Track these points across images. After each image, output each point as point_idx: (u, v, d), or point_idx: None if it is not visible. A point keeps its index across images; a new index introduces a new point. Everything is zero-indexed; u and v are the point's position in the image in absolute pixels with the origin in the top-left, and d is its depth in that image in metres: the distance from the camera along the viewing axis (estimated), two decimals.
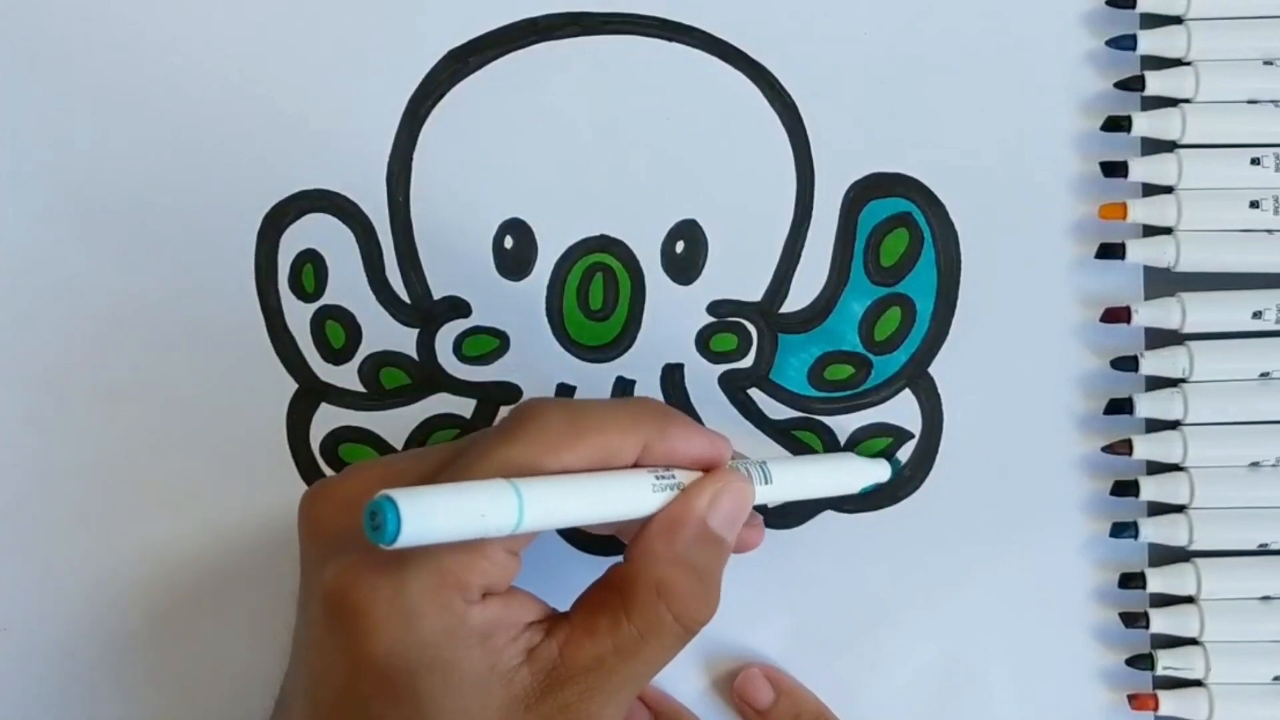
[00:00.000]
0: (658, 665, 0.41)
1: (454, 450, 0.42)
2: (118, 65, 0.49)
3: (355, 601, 0.39)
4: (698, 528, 0.41)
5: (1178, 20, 0.48)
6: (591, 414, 0.41)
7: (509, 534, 0.37)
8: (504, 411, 0.49)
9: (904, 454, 0.49)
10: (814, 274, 0.49)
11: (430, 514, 0.35)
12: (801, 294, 0.49)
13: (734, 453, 0.44)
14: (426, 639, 0.38)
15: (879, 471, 0.48)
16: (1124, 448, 0.48)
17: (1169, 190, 0.48)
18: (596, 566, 0.48)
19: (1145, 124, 0.47)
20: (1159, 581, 0.48)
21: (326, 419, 0.49)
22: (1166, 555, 0.48)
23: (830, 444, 0.49)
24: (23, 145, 0.49)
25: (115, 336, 0.48)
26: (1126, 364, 0.48)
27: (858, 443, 0.49)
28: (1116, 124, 0.48)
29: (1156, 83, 0.47)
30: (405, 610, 0.38)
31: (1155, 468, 0.48)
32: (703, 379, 0.49)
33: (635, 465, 0.41)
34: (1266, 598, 0.48)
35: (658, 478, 0.41)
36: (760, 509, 0.46)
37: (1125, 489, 0.48)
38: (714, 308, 0.49)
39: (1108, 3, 0.48)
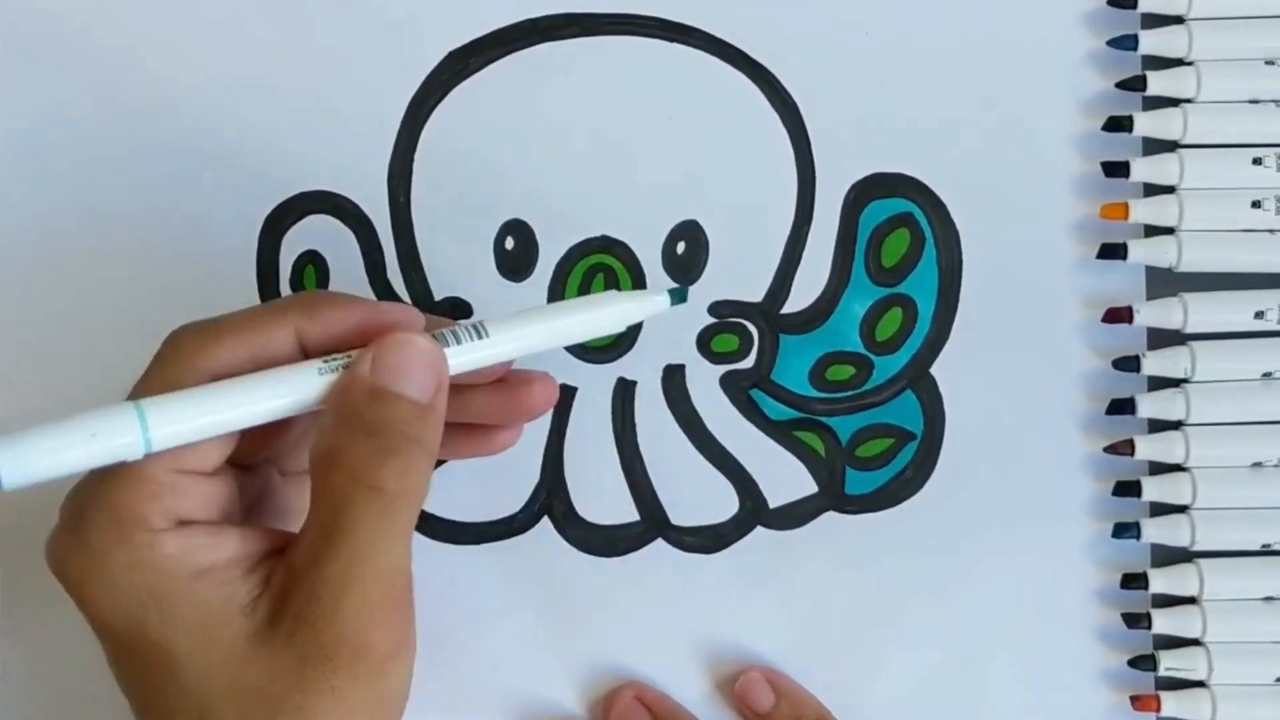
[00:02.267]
0: (380, 540, 0.38)
1: None
2: (119, 67, 0.49)
3: (64, 577, 0.38)
4: (361, 387, 0.39)
5: (1179, 20, 0.48)
6: (229, 319, 0.40)
7: (146, 453, 0.37)
8: None
9: (906, 455, 0.49)
10: (815, 274, 0.49)
11: (30, 450, 0.36)
12: (803, 294, 0.49)
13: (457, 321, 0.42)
14: (129, 582, 0.38)
15: (652, 304, 0.44)
16: (1126, 448, 0.48)
17: (1170, 190, 0.48)
18: (600, 567, 0.49)
19: (1147, 124, 0.47)
20: (1161, 582, 0.48)
21: None
22: (1169, 556, 0.48)
23: (832, 444, 0.49)
24: (24, 147, 0.49)
25: (118, 338, 0.48)
26: (1128, 364, 0.48)
27: (860, 443, 0.49)
28: (1118, 124, 0.48)
29: (1158, 83, 0.47)
30: (96, 561, 0.38)
31: (1157, 468, 0.48)
32: (704, 380, 0.49)
33: (308, 359, 0.40)
34: (1269, 598, 0.48)
35: (325, 362, 0.39)
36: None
37: (1127, 489, 0.48)
38: (715, 308, 0.49)
39: (1109, 2, 0.48)
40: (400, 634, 0.39)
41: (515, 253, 0.49)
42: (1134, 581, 0.48)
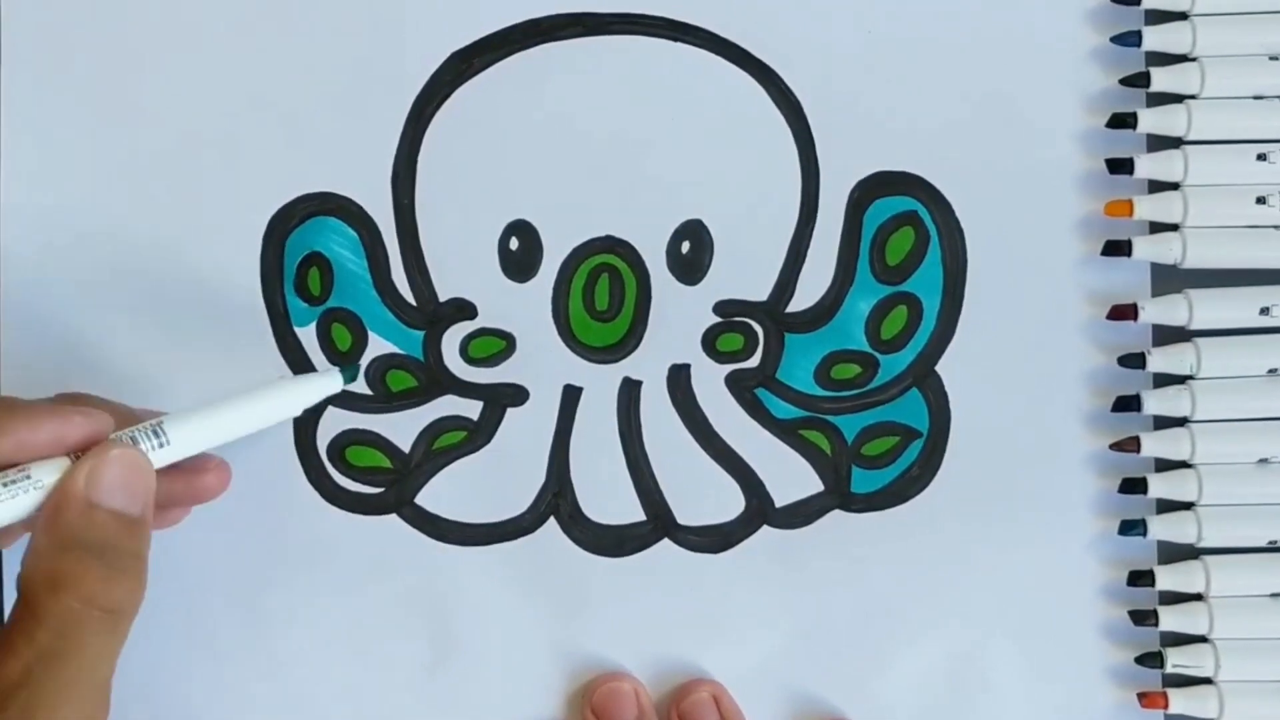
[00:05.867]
0: (104, 655, 0.39)
1: None
2: (122, 69, 0.49)
3: None
4: (81, 507, 0.39)
5: (1183, 16, 0.48)
6: None
7: None
8: (511, 413, 0.49)
9: (911, 453, 0.49)
10: (820, 273, 0.49)
11: None
12: (808, 293, 0.49)
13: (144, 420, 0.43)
14: None
15: (325, 385, 0.46)
16: (1132, 445, 0.48)
17: (1175, 187, 0.48)
18: (606, 567, 0.49)
19: (1151, 120, 0.47)
20: (1168, 579, 0.48)
21: (333, 422, 0.49)
22: (1175, 553, 0.48)
23: (838, 443, 0.49)
24: (27, 150, 0.49)
25: (121, 341, 0.48)
26: (1134, 361, 0.48)
27: (866, 442, 0.49)
28: (1122, 120, 0.47)
29: (1162, 79, 0.47)
30: None
31: (1163, 465, 0.48)
32: (709, 379, 0.49)
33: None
34: (1276, 595, 0.48)
35: (3, 484, 0.39)
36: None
37: (1133, 486, 0.48)
38: (720, 308, 0.49)
39: None
40: None
41: (520, 253, 0.49)
42: (1140, 578, 0.48)
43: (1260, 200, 0.47)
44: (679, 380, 0.49)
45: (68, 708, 0.38)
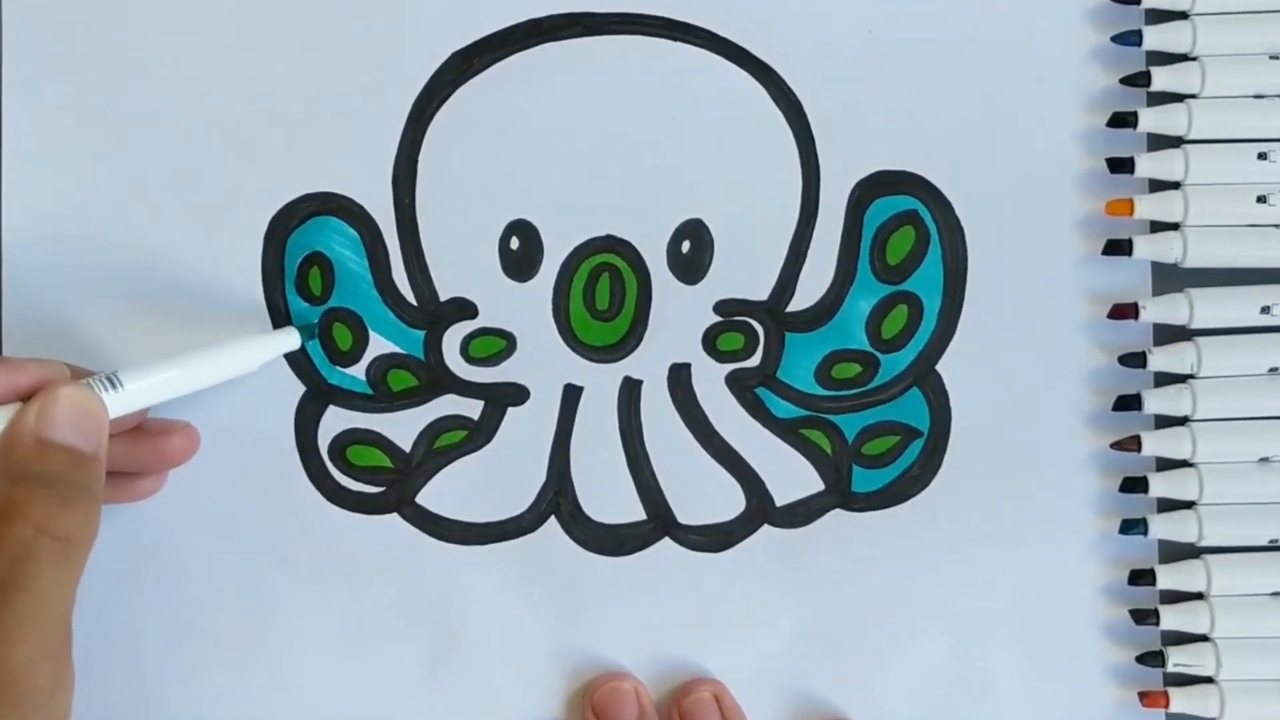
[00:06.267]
0: (59, 585, 0.40)
1: None
2: (123, 69, 0.49)
3: None
4: (31, 441, 0.40)
5: (1183, 16, 0.48)
6: None
7: None
8: (512, 413, 0.49)
9: (912, 452, 0.49)
10: (820, 272, 0.49)
11: None
12: (808, 293, 0.49)
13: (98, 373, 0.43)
14: None
15: (283, 342, 0.47)
16: (1132, 444, 0.48)
17: (1176, 186, 0.48)
18: (607, 566, 0.49)
19: (1151, 120, 0.47)
20: (1169, 578, 0.48)
21: (335, 421, 0.49)
22: (1176, 551, 0.48)
23: (838, 442, 0.49)
24: (29, 150, 0.49)
25: (123, 340, 0.48)
26: (1134, 360, 0.48)
27: (866, 441, 0.49)
28: (1122, 120, 0.47)
29: (1162, 78, 0.47)
30: None
31: (1164, 464, 0.48)
32: (710, 378, 0.49)
33: None
34: (1277, 593, 0.48)
35: None
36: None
37: (1134, 485, 0.48)
38: (721, 307, 0.49)
39: None
40: (62, 668, 0.40)
41: (520, 253, 0.49)
42: (1141, 577, 0.48)
43: (1261, 199, 0.47)
44: (679, 379, 0.49)
45: (26, 642, 0.39)
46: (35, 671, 0.39)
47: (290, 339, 0.47)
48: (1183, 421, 0.48)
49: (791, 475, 0.49)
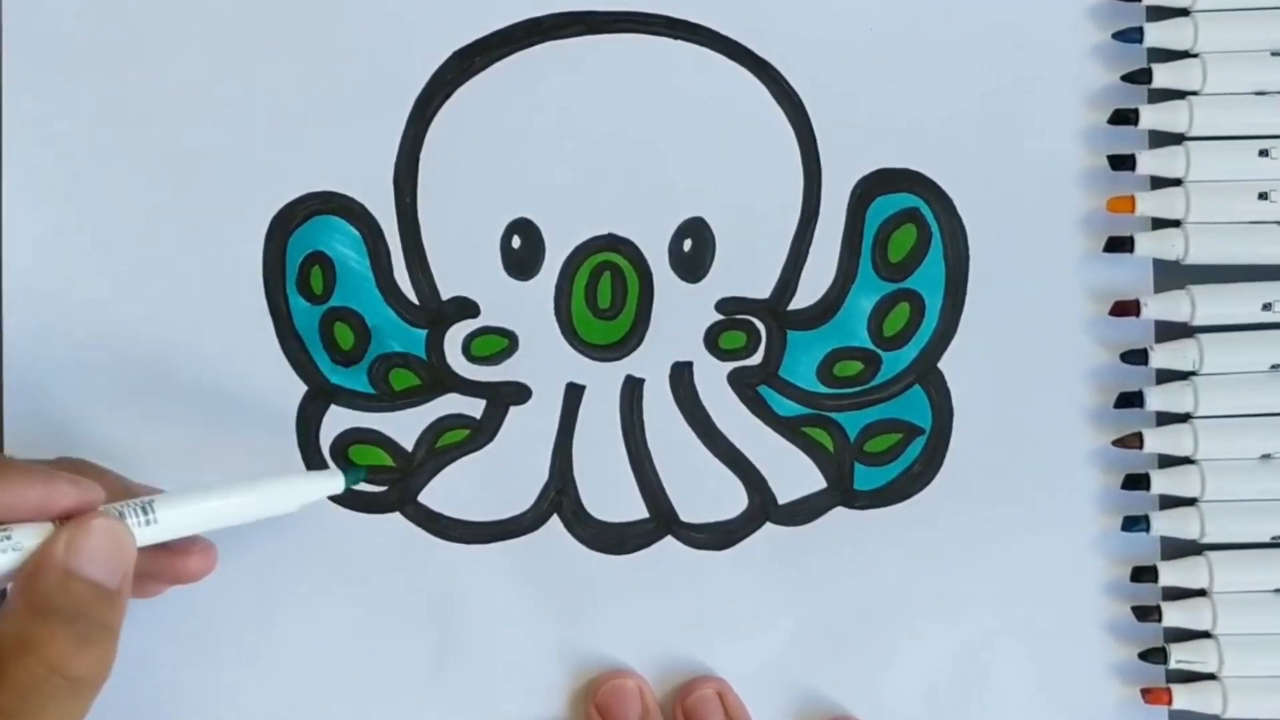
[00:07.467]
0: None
1: None
2: (124, 69, 0.49)
3: None
4: (58, 574, 0.39)
5: (1184, 13, 0.48)
6: None
7: None
8: (514, 412, 0.49)
9: (914, 450, 0.49)
10: (822, 270, 0.49)
11: None
12: (810, 290, 0.49)
13: (137, 492, 0.43)
14: None
15: (326, 484, 0.46)
16: (1134, 441, 0.48)
17: (1177, 183, 0.48)
18: (609, 564, 0.49)
19: (1153, 117, 0.47)
20: (1171, 575, 0.48)
21: (336, 421, 0.49)
22: (1178, 549, 0.48)
23: (841, 440, 0.49)
24: (30, 150, 0.49)
25: (123, 340, 0.48)
26: (1136, 357, 0.48)
27: (869, 439, 0.49)
28: (1124, 117, 0.47)
29: (1164, 75, 0.47)
30: None
31: (1166, 461, 0.48)
32: (712, 377, 0.49)
33: None
34: (1279, 590, 0.48)
35: None
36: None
37: (1136, 483, 0.48)
38: (722, 305, 0.49)
39: None
40: None
41: (522, 251, 0.49)
42: (1144, 575, 0.48)
43: (1262, 196, 0.47)
44: (681, 378, 0.49)
45: None
46: None
47: (335, 481, 0.46)
48: (1184, 418, 0.48)
49: (793, 473, 0.49)
